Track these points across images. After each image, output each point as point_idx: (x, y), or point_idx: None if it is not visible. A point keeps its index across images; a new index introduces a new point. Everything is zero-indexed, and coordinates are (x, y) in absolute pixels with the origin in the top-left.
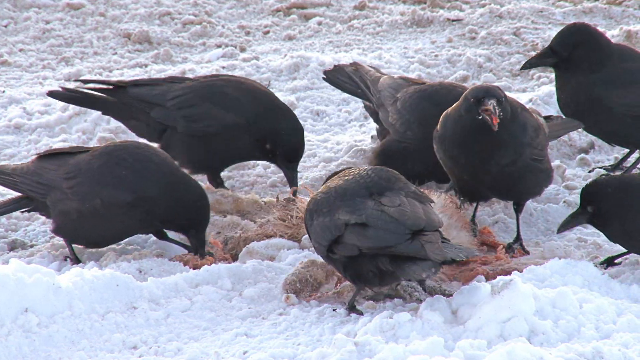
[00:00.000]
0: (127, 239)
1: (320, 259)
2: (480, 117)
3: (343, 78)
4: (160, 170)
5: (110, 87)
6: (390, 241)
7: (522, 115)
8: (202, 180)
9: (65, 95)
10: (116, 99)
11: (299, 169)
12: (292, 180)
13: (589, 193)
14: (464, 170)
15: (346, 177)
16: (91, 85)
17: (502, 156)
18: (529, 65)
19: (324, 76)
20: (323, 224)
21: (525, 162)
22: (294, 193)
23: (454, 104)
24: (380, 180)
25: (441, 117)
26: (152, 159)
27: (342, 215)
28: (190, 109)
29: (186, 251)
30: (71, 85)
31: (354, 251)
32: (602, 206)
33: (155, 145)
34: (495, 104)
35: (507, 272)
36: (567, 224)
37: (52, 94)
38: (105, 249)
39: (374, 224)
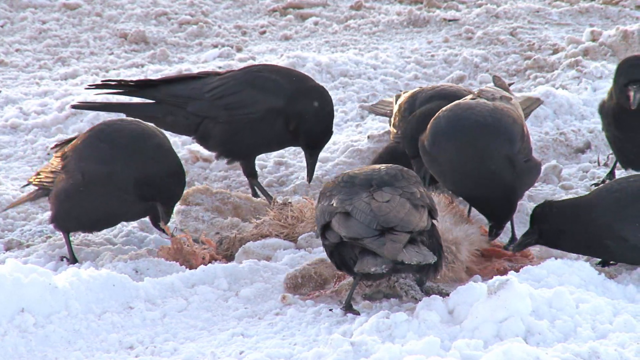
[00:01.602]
0: (124, 239)
1: (329, 259)
2: None
3: None
4: (136, 141)
5: (136, 88)
6: (362, 233)
7: (510, 127)
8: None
9: (91, 105)
10: (147, 98)
11: (294, 169)
12: (309, 168)
13: (535, 216)
14: (457, 188)
15: (362, 170)
16: (110, 87)
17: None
18: None
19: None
20: (322, 207)
21: (520, 168)
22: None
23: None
24: (386, 175)
25: (429, 131)
26: (132, 130)
27: (335, 202)
28: (231, 96)
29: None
30: (93, 95)
31: (337, 238)
32: (545, 228)
33: (190, 137)
34: None
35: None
36: (521, 245)
37: (76, 107)
38: (101, 248)
39: (355, 215)
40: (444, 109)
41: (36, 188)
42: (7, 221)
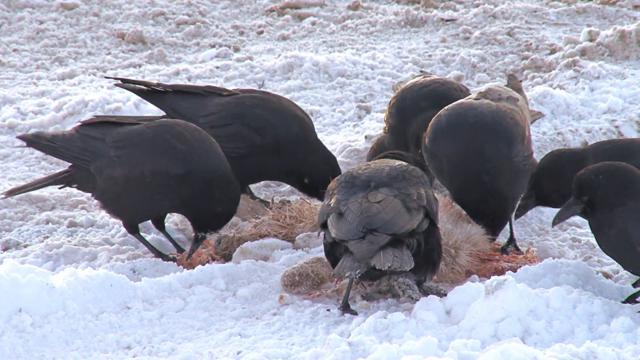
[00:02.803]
0: (122, 239)
1: (325, 258)
2: None
3: None
4: (215, 154)
5: (148, 88)
6: (348, 235)
7: (510, 130)
8: None
9: (130, 88)
10: (155, 104)
11: None
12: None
13: (581, 182)
14: (453, 187)
15: (370, 166)
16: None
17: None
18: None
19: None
20: (323, 206)
21: (516, 171)
22: None
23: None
24: (387, 177)
25: (430, 129)
26: (210, 141)
27: (333, 202)
28: (221, 129)
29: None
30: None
31: (330, 238)
32: (594, 196)
33: None
34: None
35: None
36: (562, 216)
37: (118, 85)
38: (99, 248)
39: (346, 216)
40: (446, 107)
41: (63, 176)
42: (4, 221)
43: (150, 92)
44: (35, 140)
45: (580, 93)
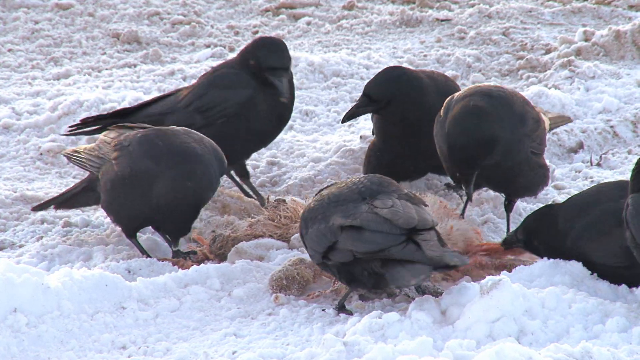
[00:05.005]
0: (117, 239)
1: (309, 258)
2: None
3: None
4: (196, 160)
5: (118, 118)
6: (385, 243)
7: (521, 107)
8: None
9: (76, 133)
10: (130, 121)
11: (287, 169)
12: (280, 89)
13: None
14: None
15: (339, 186)
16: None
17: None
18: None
19: None
20: (318, 230)
21: (525, 154)
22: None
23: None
24: (372, 185)
25: (445, 102)
26: (194, 147)
27: (336, 220)
28: (199, 100)
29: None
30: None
31: (348, 257)
32: (525, 236)
33: None
34: None
35: (501, 267)
36: (507, 241)
37: (69, 134)
38: (94, 248)
39: (368, 227)
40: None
41: (84, 181)
42: None
43: (122, 116)
44: (71, 155)
45: (576, 93)
